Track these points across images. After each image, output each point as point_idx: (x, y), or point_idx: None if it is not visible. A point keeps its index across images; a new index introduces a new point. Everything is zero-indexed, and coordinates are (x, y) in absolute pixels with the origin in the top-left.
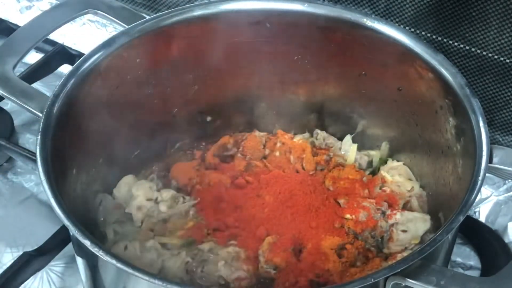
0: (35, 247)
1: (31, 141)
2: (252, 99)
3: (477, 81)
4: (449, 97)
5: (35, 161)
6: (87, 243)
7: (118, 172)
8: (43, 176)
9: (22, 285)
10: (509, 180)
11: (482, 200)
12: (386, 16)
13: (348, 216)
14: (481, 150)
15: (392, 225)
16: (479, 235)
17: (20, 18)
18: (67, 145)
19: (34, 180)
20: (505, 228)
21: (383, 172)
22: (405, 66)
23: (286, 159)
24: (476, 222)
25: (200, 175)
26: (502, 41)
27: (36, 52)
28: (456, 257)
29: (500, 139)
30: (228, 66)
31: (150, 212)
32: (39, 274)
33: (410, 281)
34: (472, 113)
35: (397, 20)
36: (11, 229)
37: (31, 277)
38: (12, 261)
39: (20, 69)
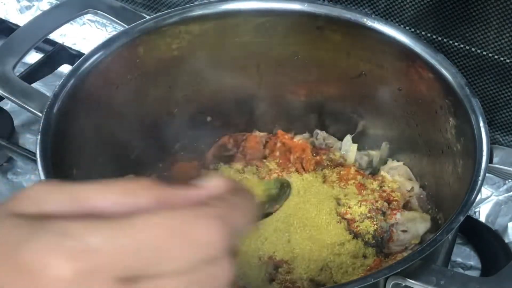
0: None
1: (31, 141)
2: (252, 99)
3: (477, 81)
4: (449, 97)
5: (35, 161)
6: None
7: (118, 172)
8: (43, 176)
9: None
10: (509, 180)
11: (482, 200)
12: (386, 16)
13: (348, 216)
14: (481, 150)
15: (392, 225)
16: (479, 235)
17: (20, 18)
18: (67, 145)
19: (34, 180)
20: (505, 228)
21: (383, 172)
22: (405, 66)
23: (286, 159)
24: (476, 222)
25: (200, 175)
26: (502, 41)
27: (36, 52)
28: (456, 257)
29: (501, 139)
30: (228, 66)
31: None
32: None
33: (410, 281)
34: (472, 113)
35: (397, 20)
36: None
37: None
38: None
39: (20, 69)
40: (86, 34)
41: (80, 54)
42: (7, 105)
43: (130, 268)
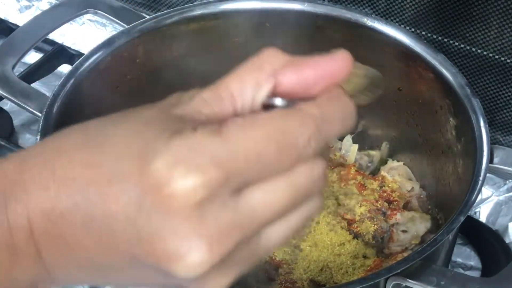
0: None
1: (31, 141)
2: None
3: (478, 81)
4: (450, 97)
5: None
6: None
7: None
8: None
9: None
10: (510, 180)
11: (482, 201)
12: (387, 15)
13: (348, 216)
14: (482, 150)
15: (392, 225)
16: (479, 236)
17: (19, 17)
18: None
19: None
20: (506, 228)
21: (383, 172)
22: (405, 66)
23: None
24: (477, 222)
25: None
26: (503, 41)
27: (36, 52)
28: (457, 258)
29: (501, 139)
30: (228, 66)
31: None
32: None
33: (410, 282)
34: (472, 113)
35: (397, 19)
36: None
37: None
38: None
39: (19, 69)
40: (85, 34)
41: (79, 54)
42: (7, 105)
43: (242, 177)
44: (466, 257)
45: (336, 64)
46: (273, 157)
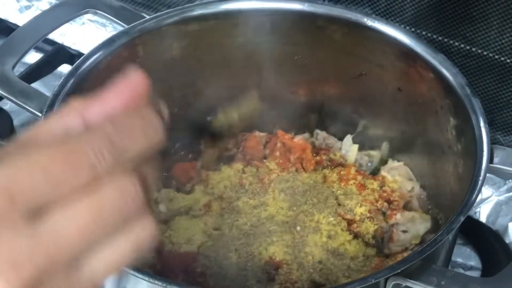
0: None
1: None
2: (252, 99)
3: (478, 81)
4: (450, 97)
5: None
6: None
7: None
8: None
9: None
10: (510, 180)
11: (482, 200)
12: (387, 15)
13: (348, 216)
14: (482, 150)
15: (393, 225)
16: (479, 236)
17: (19, 17)
18: None
19: None
20: (506, 228)
21: (384, 172)
22: (405, 66)
23: (286, 159)
24: (477, 222)
25: (200, 175)
26: (503, 41)
27: (36, 51)
28: (457, 258)
29: (501, 139)
30: (228, 66)
31: None
32: None
33: (410, 282)
34: (472, 113)
35: (397, 19)
36: None
37: None
38: None
39: (19, 69)
40: (85, 34)
41: (79, 54)
42: (7, 105)
43: (32, 199)
44: (466, 257)
45: (130, 79)
46: (64, 176)
